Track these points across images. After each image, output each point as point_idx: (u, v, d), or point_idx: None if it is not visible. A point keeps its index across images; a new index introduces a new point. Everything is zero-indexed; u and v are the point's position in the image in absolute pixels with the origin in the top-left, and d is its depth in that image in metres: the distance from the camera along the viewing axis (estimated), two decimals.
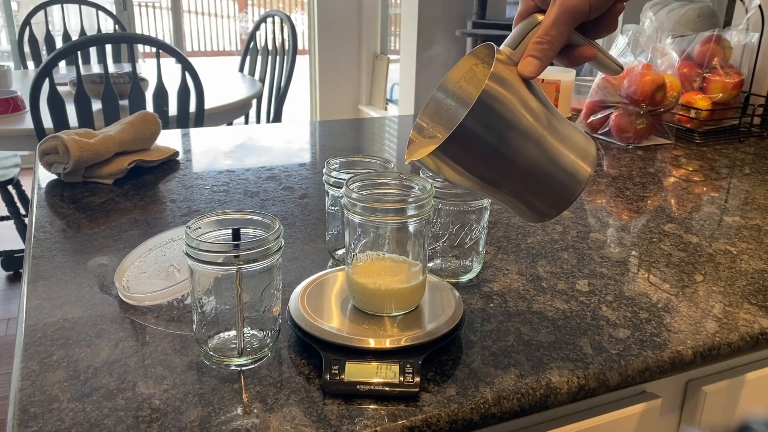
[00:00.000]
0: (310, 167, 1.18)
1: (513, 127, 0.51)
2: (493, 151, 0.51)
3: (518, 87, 0.52)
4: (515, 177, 0.54)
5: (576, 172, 0.55)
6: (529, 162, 0.53)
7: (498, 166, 0.53)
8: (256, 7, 8.06)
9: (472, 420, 0.55)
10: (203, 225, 0.60)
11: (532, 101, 0.52)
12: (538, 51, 0.52)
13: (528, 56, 0.52)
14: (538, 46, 0.52)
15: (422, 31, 3.47)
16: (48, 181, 1.06)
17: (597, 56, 0.55)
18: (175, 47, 1.92)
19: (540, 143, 0.53)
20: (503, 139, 0.51)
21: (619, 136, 1.37)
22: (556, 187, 0.55)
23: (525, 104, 0.52)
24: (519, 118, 0.51)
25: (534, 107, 0.52)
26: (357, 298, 0.63)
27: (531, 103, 0.52)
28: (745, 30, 1.45)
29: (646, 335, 0.66)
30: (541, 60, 0.52)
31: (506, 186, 0.54)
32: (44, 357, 0.60)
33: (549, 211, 0.56)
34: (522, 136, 0.52)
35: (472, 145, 0.51)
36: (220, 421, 0.52)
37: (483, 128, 0.50)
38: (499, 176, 0.53)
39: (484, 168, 0.53)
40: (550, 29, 0.51)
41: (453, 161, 0.52)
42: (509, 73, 0.52)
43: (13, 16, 4.11)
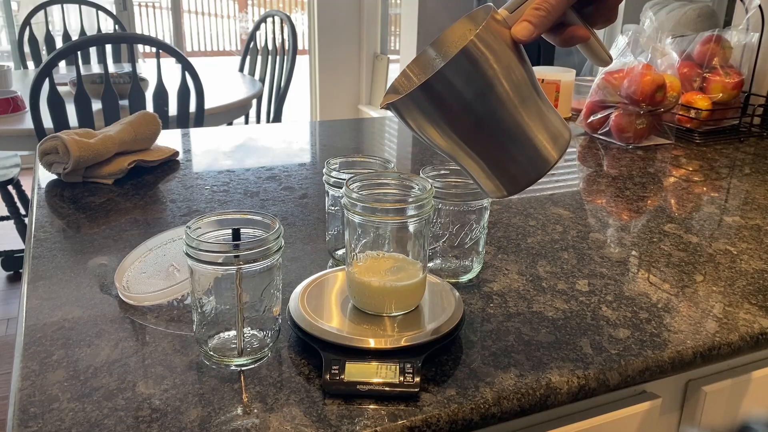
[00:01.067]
0: (310, 167, 1.18)
1: (491, 88, 0.50)
2: (466, 108, 0.50)
3: (506, 50, 0.51)
4: (483, 140, 0.53)
5: (545, 150, 0.54)
6: (500, 128, 0.52)
7: (468, 125, 0.52)
8: (256, 7, 8.07)
9: (472, 420, 0.55)
10: (203, 225, 0.60)
11: (517, 69, 0.52)
12: (535, 17, 0.51)
13: (523, 20, 0.52)
14: (536, 12, 0.51)
15: (422, 31, 3.47)
16: (48, 181, 1.06)
17: (590, 40, 0.54)
18: (175, 47, 1.92)
19: (515, 112, 0.52)
20: (479, 98, 0.50)
21: (619, 136, 1.37)
22: (521, 161, 0.54)
23: (508, 69, 0.51)
24: (499, 80, 0.50)
25: (516, 75, 0.52)
26: (357, 297, 0.63)
27: (515, 70, 0.51)
28: (745, 30, 1.45)
29: (646, 335, 0.66)
30: (535, 26, 0.51)
31: (472, 148, 0.53)
32: (44, 357, 0.60)
33: (509, 186, 0.55)
34: (498, 100, 0.51)
35: (446, 96, 0.50)
36: (220, 421, 0.52)
37: (460, 81, 0.49)
38: (467, 136, 0.52)
39: (454, 124, 0.52)
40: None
41: (424, 110, 0.51)
42: (500, 33, 0.51)
43: (13, 16, 4.11)
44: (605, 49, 0.56)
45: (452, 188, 0.72)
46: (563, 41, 0.54)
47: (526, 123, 0.53)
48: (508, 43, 0.51)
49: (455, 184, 0.73)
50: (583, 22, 0.54)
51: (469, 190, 0.72)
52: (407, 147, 1.38)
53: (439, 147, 0.55)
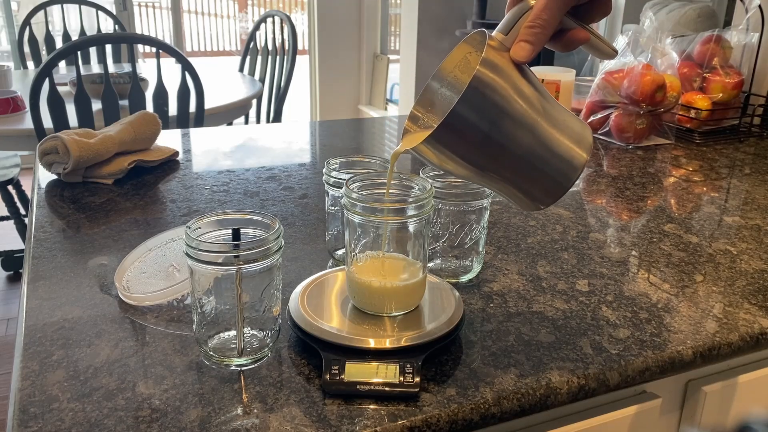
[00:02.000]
0: (310, 167, 1.18)
1: (505, 113, 0.51)
2: (486, 138, 0.51)
3: (510, 73, 0.51)
4: (509, 164, 0.53)
5: (571, 158, 0.54)
6: (523, 148, 0.52)
7: (492, 153, 0.52)
8: (256, 7, 8.06)
9: (472, 420, 0.55)
10: (203, 225, 0.60)
11: (525, 87, 0.52)
12: (530, 35, 0.51)
13: (520, 41, 0.52)
14: (530, 30, 0.51)
15: (422, 31, 3.47)
16: (48, 181, 1.06)
17: (590, 40, 0.54)
18: (175, 47, 1.92)
19: (533, 129, 0.52)
20: (496, 126, 0.51)
21: (619, 136, 1.37)
22: (551, 174, 0.54)
23: (517, 90, 0.51)
24: (511, 103, 0.51)
25: (527, 93, 0.52)
26: (357, 297, 0.63)
27: (524, 88, 0.52)
28: (745, 30, 1.45)
29: (646, 335, 0.66)
30: (533, 44, 0.51)
31: (501, 173, 0.54)
32: (44, 357, 0.60)
33: (545, 199, 0.56)
34: (515, 122, 0.51)
35: (464, 131, 0.50)
36: (220, 421, 0.52)
37: (475, 114, 0.50)
38: (494, 163, 0.53)
39: (477, 155, 0.52)
40: (541, 13, 0.51)
41: (446, 149, 0.52)
42: (501, 58, 0.51)
43: (13, 16, 4.11)
44: (608, 43, 0.56)
45: (452, 188, 0.72)
46: (564, 46, 0.54)
47: (547, 137, 0.53)
48: (511, 66, 0.52)
49: (455, 184, 0.73)
50: (579, 23, 0.54)
51: (469, 190, 0.72)
52: None
53: (469, 179, 0.56)
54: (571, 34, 0.54)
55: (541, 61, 2.92)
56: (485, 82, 0.50)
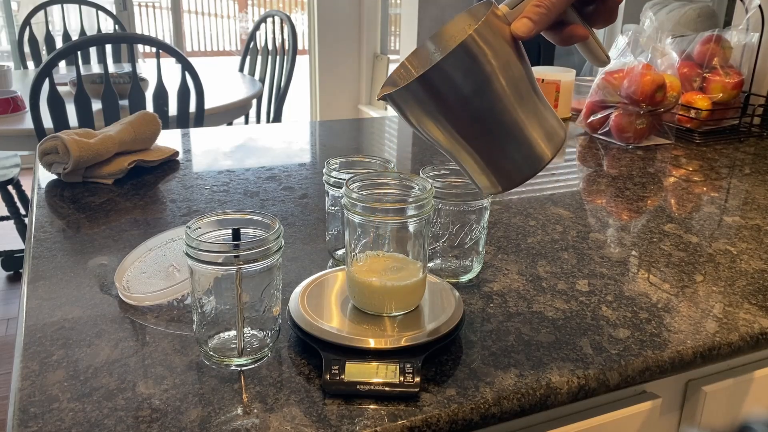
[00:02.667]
0: (310, 167, 1.18)
1: (489, 83, 0.50)
2: (461, 102, 0.50)
3: (505, 46, 0.51)
4: (477, 135, 0.52)
5: (538, 150, 0.54)
6: (495, 124, 0.52)
7: (463, 120, 0.52)
8: (256, 7, 8.06)
9: (472, 420, 0.55)
10: (203, 225, 0.60)
11: (515, 66, 0.52)
12: (535, 14, 0.51)
13: (524, 17, 0.52)
14: (536, 9, 0.51)
15: (422, 31, 3.47)
16: (48, 181, 1.06)
17: (588, 39, 0.54)
18: (175, 47, 1.91)
19: (510, 109, 0.52)
20: (475, 93, 0.50)
21: (619, 136, 1.37)
22: (515, 158, 0.54)
23: (507, 65, 0.51)
24: (498, 76, 0.50)
25: (515, 72, 0.51)
26: (357, 297, 0.63)
27: (513, 66, 0.51)
28: (745, 30, 1.45)
29: (646, 335, 0.66)
30: (535, 23, 0.51)
31: (468, 142, 0.53)
32: (44, 357, 0.60)
33: (502, 182, 0.55)
34: (494, 95, 0.51)
35: (443, 89, 0.50)
36: (220, 421, 0.52)
37: (459, 75, 0.49)
38: (462, 131, 0.52)
39: (448, 117, 0.52)
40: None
41: (419, 103, 0.51)
42: (500, 29, 0.51)
43: (13, 16, 4.11)
44: (603, 50, 0.56)
45: (452, 188, 0.72)
46: (562, 40, 0.54)
47: (523, 120, 0.52)
48: (508, 40, 0.51)
49: (455, 184, 0.73)
50: (582, 21, 0.54)
51: (469, 190, 0.72)
52: (407, 147, 1.38)
53: (435, 140, 0.54)
54: (571, 28, 0.54)
55: (541, 61, 2.92)
56: (478, 45, 0.49)
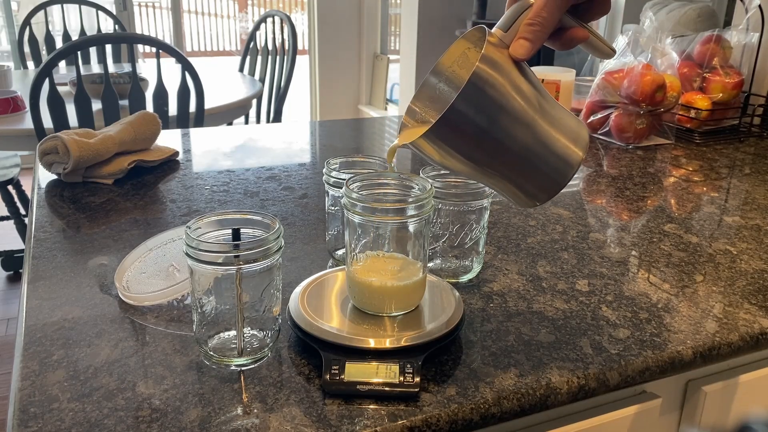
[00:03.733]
0: (310, 167, 1.18)
1: (503, 110, 0.51)
2: (483, 134, 0.51)
3: (509, 69, 0.51)
4: (506, 160, 0.53)
5: (567, 156, 0.54)
6: (520, 145, 0.53)
7: (489, 149, 0.52)
8: (256, 7, 8.06)
9: (472, 420, 0.55)
10: (203, 225, 0.60)
11: (524, 84, 0.52)
12: (530, 33, 0.51)
13: (519, 38, 0.52)
14: (530, 27, 0.51)
15: (422, 31, 3.47)
16: (48, 181, 1.06)
17: (589, 38, 0.54)
18: (175, 47, 1.91)
19: (531, 126, 0.52)
20: (494, 122, 0.51)
21: (619, 136, 1.37)
22: (547, 171, 0.55)
23: (516, 87, 0.51)
24: (509, 100, 0.51)
25: (525, 90, 0.52)
26: (357, 297, 0.63)
27: (522, 85, 0.52)
28: (745, 30, 1.45)
29: (646, 335, 0.66)
30: (532, 42, 0.51)
31: (497, 169, 0.54)
32: (44, 357, 0.60)
33: (540, 195, 0.56)
34: (512, 119, 0.51)
35: (462, 127, 0.50)
36: (220, 421, 0.52)
37: (474, 110, 0.50)
38: (490, 159, 0.53)
39: (475, 150, 0.52)
40: (541, 11, 0.51)
41: (444, 143, 0.52)
42: (500, 55, 0.51)
43: (13, 16, 4.11)
44: (606, 43, 0.56)
45: (452, 188, 0.72)
46: (563, 45, 0.54)
47: (544, 134, 0.53)
48: (510, 63, 0.52)
49: (455, 184, 0.73)
50: (578, 22, 0.54)
51: (469, 190, 0.72)
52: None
53: (465, 174, 0.56)
54: (570, 32, 0.54)
55: (541, 61, 2.92)
56: (484, 78, 0.50)
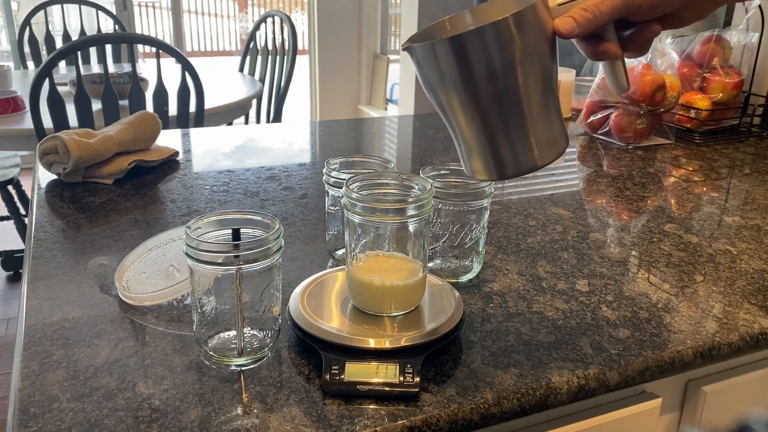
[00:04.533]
0: (310, 167, 1.18)
1: (519, 66, 0.50)
2: (487, 75, 0.50)
3: (544, 38, 0.51)
4: (489, 114, 0.52)
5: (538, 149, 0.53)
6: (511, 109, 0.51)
7: (482, 93, 0.51)
8: (256, 7, 8.06)
9: (472, 420, 0.55)
10: (203, 225, 0.60)
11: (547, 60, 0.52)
12: (581, 16, 0.52)
13: (569, 16, 0.52)
14: (583, 12, 0.52)
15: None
16: (48, 181, 1.06)
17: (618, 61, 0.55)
18: (175, 47, 1.91)
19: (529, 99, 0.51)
20: (503, 70, 0.50)
21: (619, 136, 1.37)
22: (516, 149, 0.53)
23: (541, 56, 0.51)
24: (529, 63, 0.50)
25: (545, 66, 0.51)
26: (357, 297, 0.63)
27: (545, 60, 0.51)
28: (745, 30, 1.45)
29: (646, 335, 0.66)
30: (579, 25, 0.51)
31: (475, 119, 0.53)
32: (44, 357, 0.60)
33: (496, 171, 0.55)
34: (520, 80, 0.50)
35: (474, 57, 0.49)
36: (220, 421, 0.52)
37: (495, 47, 0.49)
38: (478, 104, 0.52)
39: (469, 87, 0.51)
40: (601, 4, 0.51)
41: (444, 63, 0.50)
42: (545, 19, 0.51)
43: (13, 16, 4.11)
44: (627, 76, 0.56)
45: (452, 188, 0.72)
46: (594, 53, 0.54)
47: (536, 115, 0.52)
48: (548, 33, 0.51)
49: (455, 184, 0.73)
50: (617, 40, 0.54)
51: (469, 190, 0.72)
52: (407, 147, 1.38)
53: (446, 106, 0.54)
54: (606, 45, 0.54)
55: None
56: (522, 25, 0.49)
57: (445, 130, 1.46)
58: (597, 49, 0.54)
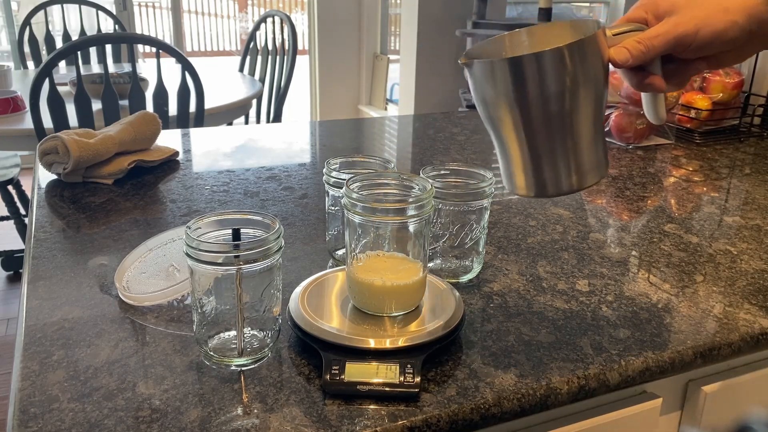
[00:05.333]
0: (310, 167, 1.18)
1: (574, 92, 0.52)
2: (542, 98, 0.52)
3: (600, 66, 0.53)
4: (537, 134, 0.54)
5: (581, 172, 0.55)
6: (560, 132, 0.53)
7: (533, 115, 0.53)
8: (256, 7, 8.06)
9: (472, 420, 0.55)
10: (203, 225, 0.60)
11: (600, 88, 0.54)
12: (635, 48, 0.54)
13: (623, 46, 0.54)
14: (637, 44, 0.54)
15: (422, 31, 3.47)
16: (48, 181, 1.06)
17: (660, 94, 0.58)
18: (175, 47, 1.91)
19: (580, 124, 0.53)
20: (558, 95, 0.52)
21: (619, 136, 1.37)
22: (560, 170, 0.55)
23: (596, 84, 0.53)
24: (585, 90, 0.52)
25: (598, 93, 0.54)
26: (357, 297, 0.63)
27: (599, 88, 0.53)
28: None
29: (646, 335, 0.66)
30: (633, 56, 0.54)
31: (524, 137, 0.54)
32: (44, 357, 0.60)
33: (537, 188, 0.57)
34: (573, 106, 0.52)
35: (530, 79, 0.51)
36: (220, 421, 0.52)
37: (552, 72, 0.51)
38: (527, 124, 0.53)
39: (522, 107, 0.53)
40: (654, 38, 0.54)
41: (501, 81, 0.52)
42: (602, 49, 0.53)
43: (13, 16, 4.11)
44: (664, 109, 0.59)
45: (452, 188, 0.72)
46: (639, 84, 0.57)
47: (584, 140, 0.54)
48: (604, 61, 0.54)
49: (455, 184, 0.73)
50: (661, 73, 0.57)
51: (469, 191, 0.72)
52: (407, 147, 1.38)
53: (496, 121, 0.55)
54: (653, 77, 0.57)
55: None
56: (583, 52, 0.51)
57: (445, 130, 1.46)
58: (644, 81, 0.57)
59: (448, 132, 1.44)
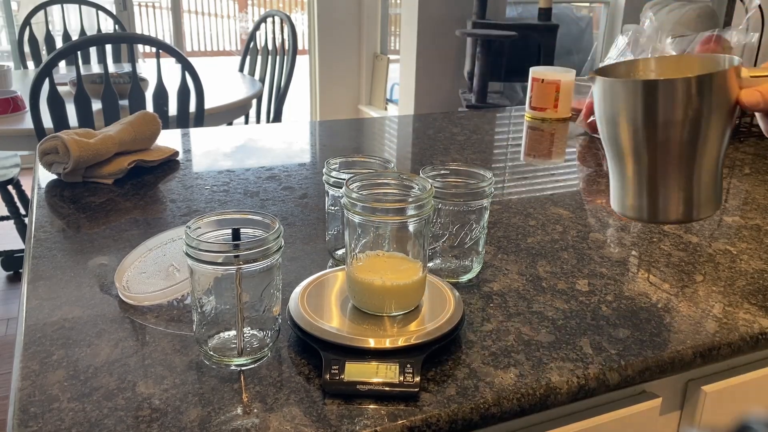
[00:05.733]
0: (310, 167, 1.18)
1: (698, 122, 0.53)
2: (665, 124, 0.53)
3: (729, 102, 0.54)
4: (657, 158, 0.55)
5: (695, 204, 0.56)
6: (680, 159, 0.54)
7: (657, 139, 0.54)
8: (256, 7, 8.06)
9: (472, 420, 0.55)
10: (203, 225, 0.60)
11: (727, 124, 0.54)
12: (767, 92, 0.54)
13: (757, 90, 0.54)
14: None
15: (422, 31, 3.47)
16: (48, 181, 1.06)
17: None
18: (175, 47, 1.91)
19: (703, 155, 0.54)
20: (684, 123, 0.53)
21: None
22: (672, 199, 0.56)
23: (721, 118, 0.54)
24: (711, 122, 0.53)
25: (723, 128, 0.54)
26: (357, 297, 0.63)
27: (726, 123, 0.54)
28: (745, 30, 1.45)
29: (646, 335, 0.66)
30: (765, 100, 0.54)
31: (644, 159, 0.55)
32: (44, 357, 0.60)
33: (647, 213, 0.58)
34: (696, 135, 0.53)
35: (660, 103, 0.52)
36: (220, 421, 0.52)
37: (682, 100, 0.52)
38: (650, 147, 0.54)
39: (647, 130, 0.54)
40: None
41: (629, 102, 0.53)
42: (734, 86, 0.54)
43: (13, 16, 4.11)
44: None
45: (452, 188, 0.72)
46: None
47: (704, 171, 0.55)
48: (732, 100, 0.54)
49: (455, 184, 0.73)
50: None
51: (469, 190, 0.72)
52: (407, 147, 1.38)
53: (616, 140, 0.56)
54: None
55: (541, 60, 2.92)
56: (716, 85, 0.52)
57: (444, 130, 1.46)
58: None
59: (448, 132, 1.44)
